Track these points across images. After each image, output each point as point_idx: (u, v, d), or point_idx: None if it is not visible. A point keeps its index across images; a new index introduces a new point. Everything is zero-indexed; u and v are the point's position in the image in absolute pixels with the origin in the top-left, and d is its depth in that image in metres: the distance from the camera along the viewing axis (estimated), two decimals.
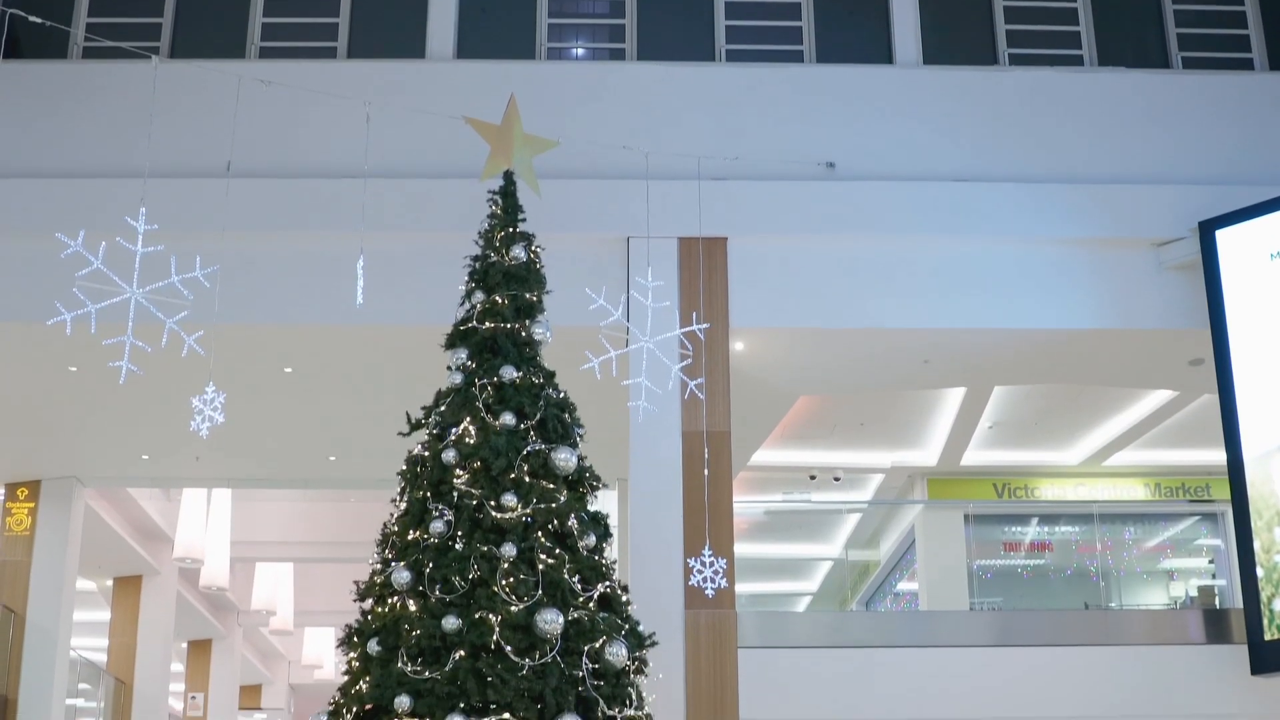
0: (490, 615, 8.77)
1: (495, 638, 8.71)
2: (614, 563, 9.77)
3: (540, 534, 9.22)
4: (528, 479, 9.37)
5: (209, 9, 15.47)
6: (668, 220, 13.55)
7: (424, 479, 9.53)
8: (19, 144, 14.22)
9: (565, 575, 9.10)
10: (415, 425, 9.97)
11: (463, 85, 14.28)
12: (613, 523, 10.06)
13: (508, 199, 10.62)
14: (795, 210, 14.17)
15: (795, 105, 14.74)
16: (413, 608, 8.95)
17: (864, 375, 15.90)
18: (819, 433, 20.34)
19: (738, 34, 15.39)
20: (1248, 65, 15.70)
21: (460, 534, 9.15)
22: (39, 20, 11.67)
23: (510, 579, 8.91)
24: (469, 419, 9.59)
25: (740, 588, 14.14)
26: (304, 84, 13.23)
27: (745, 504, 20.37)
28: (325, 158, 14.04)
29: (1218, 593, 18.63)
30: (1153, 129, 14.92)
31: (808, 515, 22.60)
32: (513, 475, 9.34)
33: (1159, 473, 22.14)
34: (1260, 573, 13.34)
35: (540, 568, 9.04)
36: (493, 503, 9.21)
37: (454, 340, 10.14)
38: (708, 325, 11.71)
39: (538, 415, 9.66)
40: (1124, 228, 14.31)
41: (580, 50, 15.67)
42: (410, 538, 9.33)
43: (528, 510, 9.24)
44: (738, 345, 14.11)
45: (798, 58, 15.37)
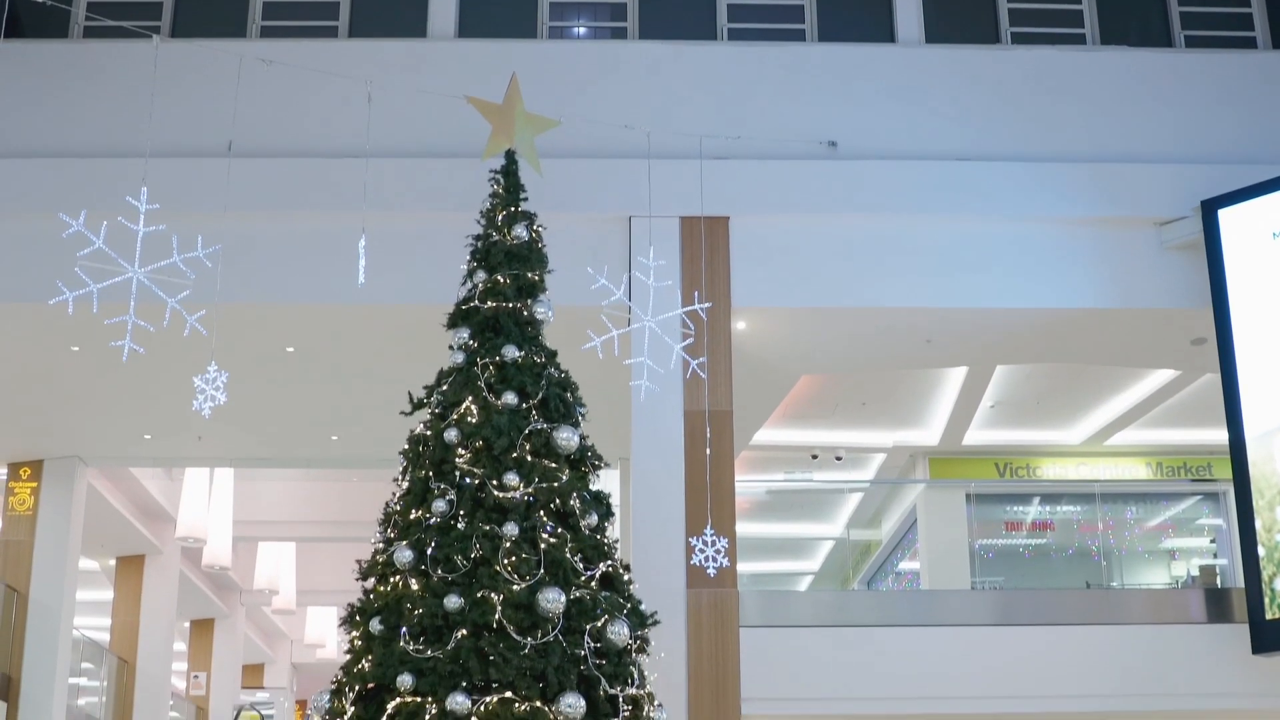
0: (492, 594, 8.77)
1: (497, 616, 8.72)
2: (616, 542, 9.77)
3: (542, 513, 9.22)
4: (530, 458, 9.37)
5: None
6: (669, 199, 13.54)
7: (426, 458, 9.53)
8: (20, 123, 14.20)
9: (567, 554, 9.10)
10: (417, 405, 9.97)
11: (464, 64, 14.26)
12: (614, 502, 10.06)
13: (509, 178, 10.59)
14: (797, 189, 14.16)
15: (797, 84, 14.72)
16: (415, 587, 8.96)
17: (866, 354, 15.90)
18: (821, 412, 20.34)
19: (739, 13, 15.37)
20: (1250, 44, 15.68)
21: (462, 513, 9.15)
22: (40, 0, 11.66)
23: (512, 558, 8.91)
24: (471, 398, 9.59)
25: (742, 567, 14.16)
26: (305, 63, 13.23)
27: (747, 483, 20.39)
28: (327, 137, 14.03)
29: (1219, 572, 18.67)
30: (1155, 108, 14.90)
31: (809, 495, 22.63)
32: (515, 454, 9.33)
33: (1161, 452, 22.15)
34: (1261, 552, 13.36)
35: (542, 547, 9.04)
36: (495, 482, 9.22)
37: (456, 319, 10.12)
38: (709, 304, 11.70)
39: (540, 394, 9.65)
40: (1126, 207, 14.30)
41: (582, 29, 15.64)
42: (412, 517, 9.33)
43: (530, 489, 9.24)
44: (740, 324, 14.11)
45: (799, 36, 15.34)
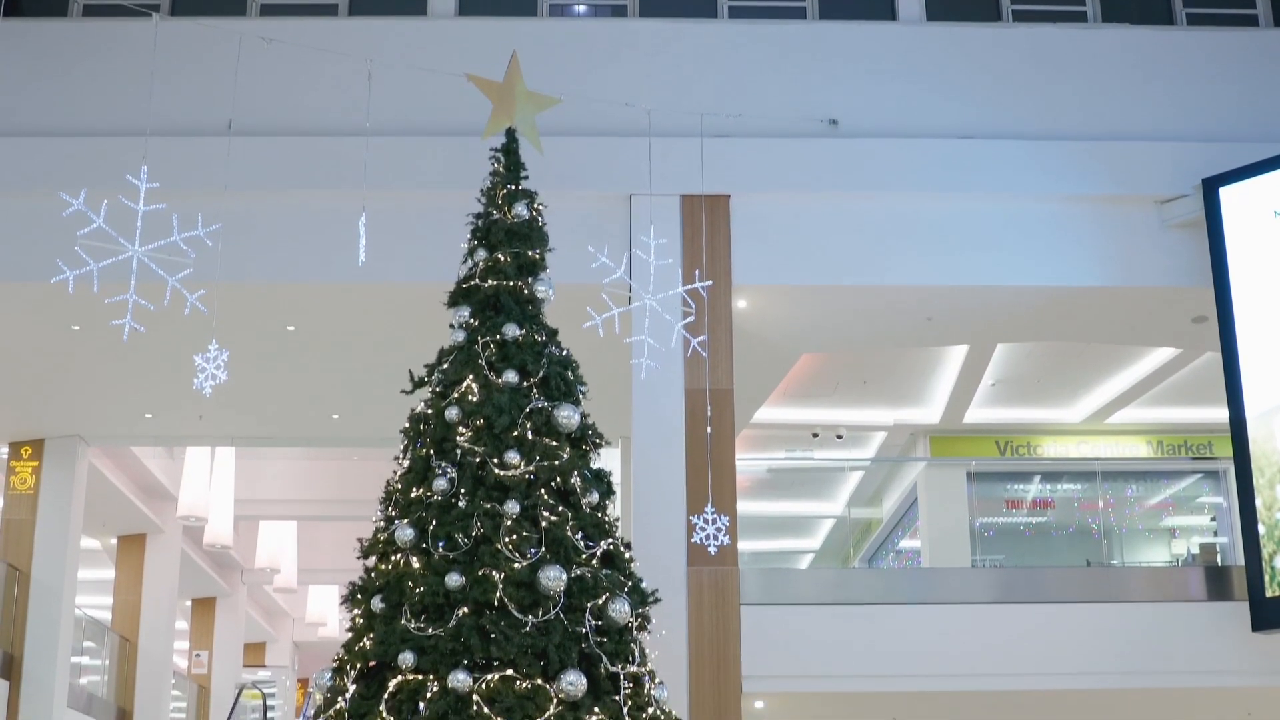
0: (493, 572, 8.78)
1: (498, 594, 8.73)
2: (617, 520, 9.79)
3: (543, 491, 9.23)
4: (530, 436, 9.38)
5: None
6: (670, 177, 13.53)
7: (427, 437, 9.54)
8: (20, 102, 14.19)
9: (568, 532, 9.12)
10: (418, 383, 9.97)
11: (465, 42, 14.23)
12: (615, 480, 10.08)
13: (510, 156, 10.59)
14: (798, 167, 14.14)
15: (798, 62, 14.69)
16: (416, 565, 8.97)
17: (866, 333, 15.90)
18: (822, 390, 20.36)
19: None
20: (1252, 22, 15.64)
21: (463, 491, 9.16)
22: None
23: (513, 536, 8.93)
24: (472, 377, 9.59)
25: (743, 545, 14.18)
26: (305, 42, 13.20)
27: (748, 461, 20.41)
28: (327, 115, 14.01)
29: (1219, 550, 18.67)
30: (1156, 86, 14.88)
31: (810, 473, 22.66)
32: (515, 433, 9.34)
33: (1161, 430, 22.17)
34: (1262, 530, 13.37)
35: (543, 525, 9.05)
36: (495, 460, 9.22)
37: (456, 298, 10.13)
38: (710, 283, 11.69)
39: (540, 373, 9.66)
40: (1127, 185, 14.28)
41: (582, 7, 15.61)
42: (413, 495, 9.35)
43: (530, 468, 9.24)
44: (740, 303, 14.10)
45: (800, 14, 15.31)
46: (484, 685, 8.47)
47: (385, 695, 8.63)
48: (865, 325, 15.52)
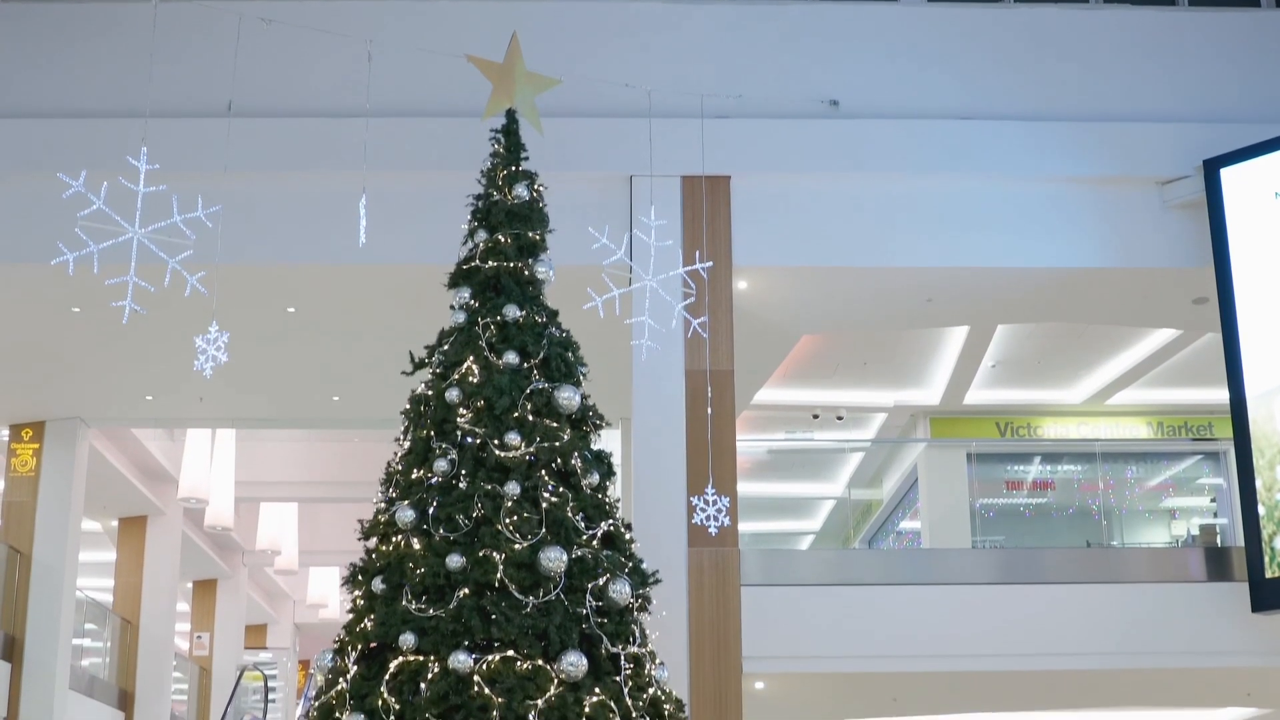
0: (494, 553, 8.79)
1: (499, 575, 8.74)
2: (617, 501, 9.79)
3: (544, 472, 9.23)
4: (531, 418, 9.37)
5: None
6: (670, 159, 13.50)
7: (427, 418, 9.54)
8: (19, 83, 14.16)
9: (569, 513, 9.12)
10: (418, 364, 9.97)
11: (464, 23, 14.20)
12: (616, 461, 10.06)
13: (510, 137, 10.58)
14: (799, 148, 14.12)
15: (799, 43, 14.66)
16: (417, 546, 8.98)
17: (867, 314, 15.90)
18: (822, 372, 20.35)
19: None
20: (1254, 2, 15.59)
21: (464, 472, 9.16)
22: None
23: (514, 517, 8.93)
24: (472, 358, 9.59)
25: (743, 526, 14.18)
26: (305, 22, 13.17)
27: (748, 443, 20.41)
28: (327, 96, 14.00)
29: (1219, 531, 18.68)
30: (1158, 66, 14.85)
31: (810, 454, 22.66)
32: (516, 414, 9.34)
33: (1161, 411, 22.18)
34: (1262, 511, 13.38)
35: (544, 506, 9.05)
36: (496, 441, 9.22)
37: (457, 279, 10.12)
38: (710, 264, 11.66)
39: (541, 354, 9.66)
40: (1128, 166, 14.26)
41: None
42: (414, 476, 9.35)
43: (531, 449, 9.24)
44: (741, 284, 14.09)
45: None
46: (485, 666, 8.48)
47: (386, 676, 8.63)
48: (866, 306, 15.51)
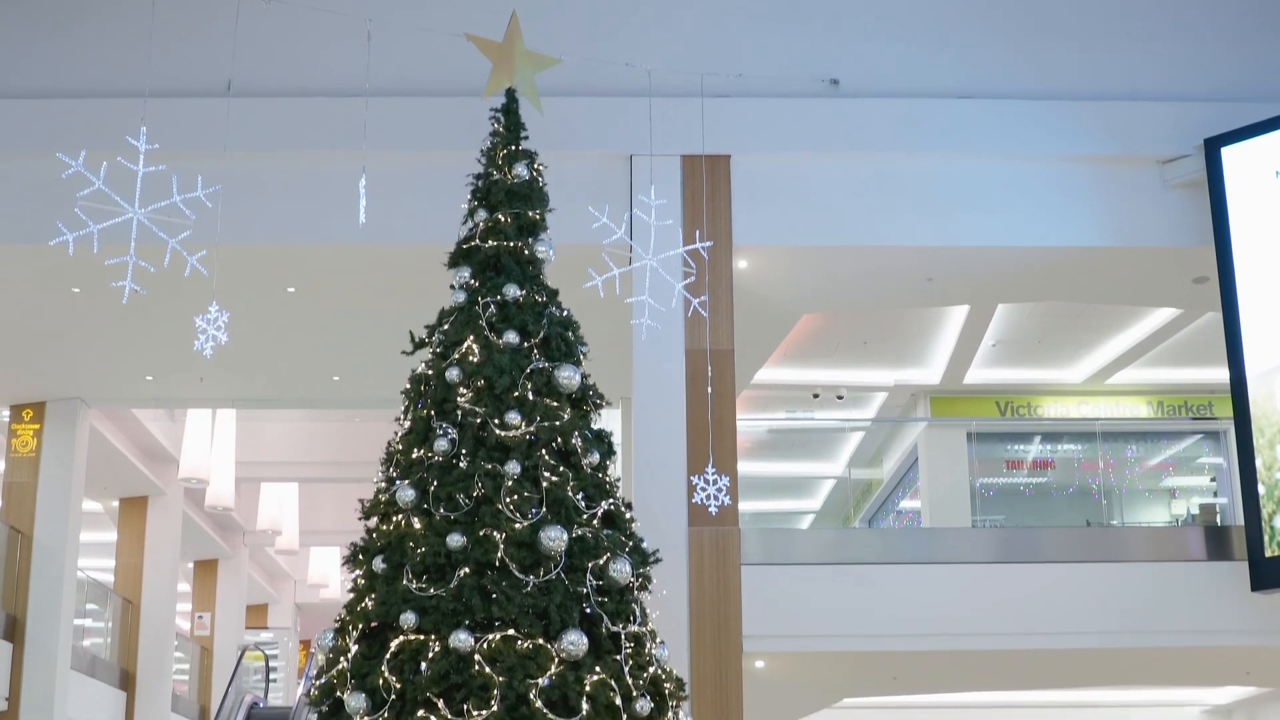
0: (494, 532, 8.80)
1: (499, 555, 8.75)
2: (617, 480, 9.79)
3: (544, 452, 9.23)
4: (531, 397, 9.37)
5: None
6: (671, 138, 13.49)
7: (428, 397, 9.53)
8: (18, 63, 14.15)
9: (569, 493, 9.13)
10: (419, 344, 9.97)
11: (464, 1, 14.14)
12: (616, 440, 10.07)
13: (510, 116, 10.56)
14: (799, 127, 14.12)
15: (799, 21, 14.64)
16: (417, 525, 8.98)
17: (867, 293, 15.89)
18: (822, 351, 20.36)
19: None
20: None
21: (464, 452, 9.16)
22: None
23: (514, 496, 8.93)
24: (472, 337, 9.58)
25: (743, 505, 14.21)
26: (305, 1, 13.14)
27: (748, 422, 20.43)
28: (326, 76, 13.99)
29: (1219, 510, 18.71)
30: (1158, 45, 14.82)
31: (811, 434, 22.66)
32: (516, 393, 9.34)
33: (1162, 391, 22.18)
34: (1261, 490, 13.39)
35: (544, 485, 9.06)
36: (496, 421, 9.22)
37: (457, 259, 10.11)
38: (711, 243, 11.65)
39: (541, 333, 9.65)
40: (1129, 145, 14.25)
41: None
42: (414, 456, 9.35)
43: (531, 428, 9.25)
44: (741, 263, 14.09)
45: None
46: (485, 645, 8.49)
47: (387, 655, 8.64)
48: (866, 285, 15.51)
